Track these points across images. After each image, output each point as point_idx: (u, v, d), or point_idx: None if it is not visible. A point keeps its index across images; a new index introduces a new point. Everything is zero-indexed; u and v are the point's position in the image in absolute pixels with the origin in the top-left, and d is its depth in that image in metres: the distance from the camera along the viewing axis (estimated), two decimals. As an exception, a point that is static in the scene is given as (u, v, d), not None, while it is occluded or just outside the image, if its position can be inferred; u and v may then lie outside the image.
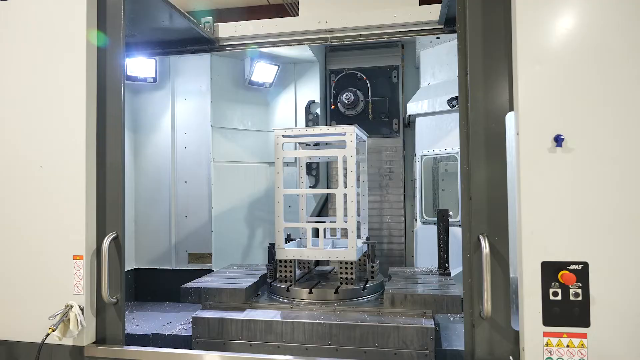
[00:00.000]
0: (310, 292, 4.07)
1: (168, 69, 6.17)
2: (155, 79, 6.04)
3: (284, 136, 4.61)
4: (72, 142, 3.11)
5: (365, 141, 4.65)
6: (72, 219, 3.09)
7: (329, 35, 4.69)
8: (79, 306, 3.06)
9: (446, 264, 4.61)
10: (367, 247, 4.48)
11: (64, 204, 3.11)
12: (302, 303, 4.01)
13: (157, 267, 6.10)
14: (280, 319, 3.72)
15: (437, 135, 5.76)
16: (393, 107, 6.69)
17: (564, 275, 2.48)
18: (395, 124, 6.64)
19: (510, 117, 2.70)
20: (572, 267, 2.49)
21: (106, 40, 3.20)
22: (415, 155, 6.20)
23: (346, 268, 4.11)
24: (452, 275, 4.56)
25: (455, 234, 5.48)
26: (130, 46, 4.76)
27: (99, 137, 3.22)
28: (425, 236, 6.00)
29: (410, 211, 6.82)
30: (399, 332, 3.51)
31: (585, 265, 2.47)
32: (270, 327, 3.70)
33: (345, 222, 4.15)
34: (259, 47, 4.83)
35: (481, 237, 2.69)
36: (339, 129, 4.23)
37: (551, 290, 2.51)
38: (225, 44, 4.83)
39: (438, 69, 5.80)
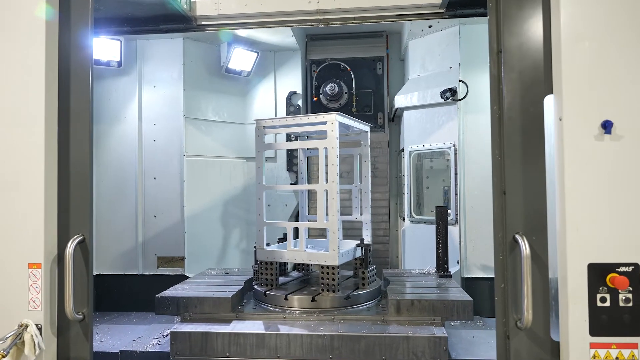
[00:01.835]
0: (285, 299, 3.69)
1: (134, 53, 5.55)
2: (119, 63, 5.41)
3: (265, 127, 4.19)
4: (28, 135, 2.55)
5: (367, 132, 4.27)
6: (28, 219, 2.53)
7: (320, 17, 4.27)
8: (37, 325, 2.51)
9: (446, 265, 4.31)
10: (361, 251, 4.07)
11: (17, 203, 2.54)
12: (297, 312, 3.59)
13: (122, 273, 5.47)
14: (273, 331, 3.28)
15: (428, 129, 5.47)
16: (378, 100, 6.37)
17: (613, 278, 2.20)
18: (380, 118, 6.32)
19: (549, 101, 2.40)
20: (622, 269, 2.21)
21: (55, 13, 2.64)
22: (403, 150, 5.89)
23: (327, 273, 3.70)
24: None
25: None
26: (94, 22, 4.15)
27: (62, 128, 2.69)
28: (413, 236, 5.71)
29: (394, 210, 6.53)
30: (408, 342, 3.16)
31: (636, 266, 2.21)
32: (263, 341, 3.25)
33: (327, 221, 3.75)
34: (242, 29, 4.37)
35: (518, 237, 2.38)
36: (325, 117, 3.80)
37: (599, 296, 2.23)
38: (203, 23, 4.31)
39: (429, 59, 5.52)
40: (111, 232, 5.49)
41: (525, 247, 2.33)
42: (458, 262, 5.05)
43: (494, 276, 5.08)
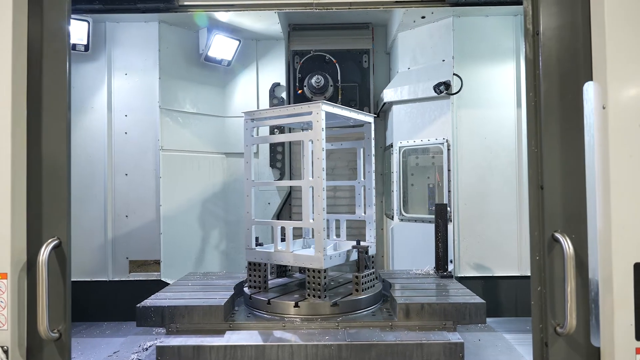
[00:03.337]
0: (268, 303, 3.40)
1: (103, 36, 5.05)
2: (87, 47, 4.90)
3: (254, 120, 3.87)
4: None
5: (371, 123, 4.00)
6: (-10, 220, 2.11)
7: (315, 1, 3.99)
8: (2, 347, 2.09)
9: (446, 265, 4.12)
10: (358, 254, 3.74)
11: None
12: (298, 320, 3.27)
13: (89, 279, 4.97)
14: (274, 342, 2.96)
15: (419, 124, 5.29)
16: (363, 94, 6.14)
17: (662, 279, 2.04)
18: (366, 113, 6.08)
19: (589, 88, 2.22)
20: (671, 268, 2.06)
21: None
22: (391, 146, 5.69)
23: (313, 277, 3.41)
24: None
25: (427, 230, 5.06)
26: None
27: (32, 120, 2.29)
28: (403, 234, 5.52)
29: (379, 207, 6.32)
30: (422, 349, 2.92)
31: (686, 266, 2.06)
32: (263, 354, 2.93)
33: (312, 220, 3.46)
34: (231, 11, 4.01)
35: (559, 236, 2.18)
36: (310, 106, 3.46)
37: (646, 298, 2.06)
38: (186, 3, 3.94)
39: (420, 52, 5.33)
40: (77, 234, 4.92)
41: (568, 246, 2.14)
42: (451, 261, 4.89)
43: (490, 275, 4.97)
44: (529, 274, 5.07)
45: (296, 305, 3.33)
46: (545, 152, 2.25)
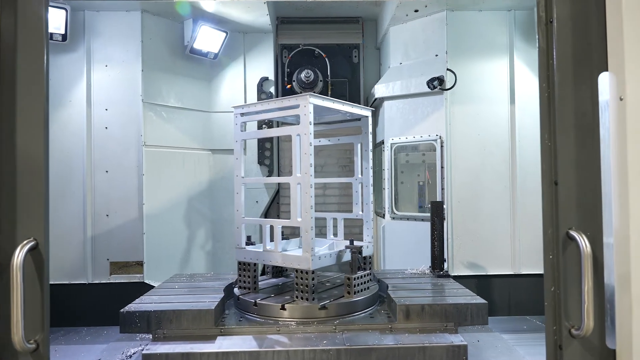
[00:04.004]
0: (255, 305, 3.25)
1: (82, 26, 4.79)
2: (64, 37, 4.63)
3: (243, 114, 3.70)
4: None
5: (368, 117, 3.86)
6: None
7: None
8: (-30, 362, 1.88)
9: (442, 265, 4.02)
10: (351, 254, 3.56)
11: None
12: (293, 323, 3.11)
13: (67, 282, 4.71)
14: (269, 348, 2.80)
15: (412, 120, 5.18)
16: (353, 90, 6.01)
17: (682, 277, 1.95)
18: (356, 109, 5.95)
19: (604, 79, 2.12)
20: (690, 267, 1.97)
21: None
22: (382, 143, 5.57)
23: (301, 279, 3.25)
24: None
25: (418, 229, 4.98)
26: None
27: (6, 113, 2.06)
28: (394, 233, 5.40)
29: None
30: (425, 353, 2.80)
31: None
32: (257, 360, 2.76)
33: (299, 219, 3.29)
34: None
35: (574, 233, 2.07)
36: (297, 99, 3.30)
37: (665, 298, 1.97)
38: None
39: (412, 47, 5.22)
40: (54, 234, 4.69)
41: (585, 244, 2.03)
42: (445, 260, 4.79)
43: (483, 274, 4.89)
44: (523, 273, 5.02)
45: (283, 308, 3.17)
46: (559, 145, 2.15)
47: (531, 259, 4.95)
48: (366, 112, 3.75)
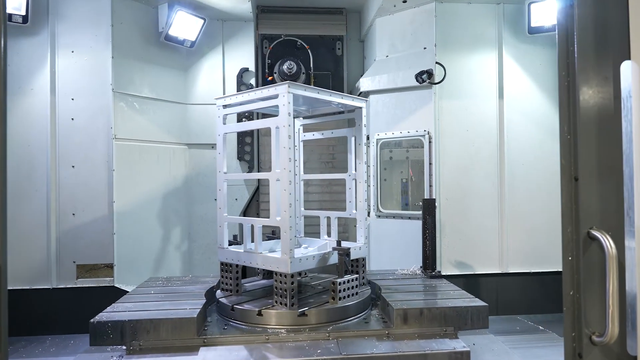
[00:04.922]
0: (232, 310, 3.03)
1: (46, 7, 4.38)
2: (25, 19, 4.23)
3: (224, 106, 3.44)
4: None
5: (362, 108, 3.64)
6: None
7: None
8: None
9: (434, 265, 3.87)
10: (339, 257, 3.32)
11: None
12: (283, 331, 2.87)
13: (29, 287, 4.31)
14: (258, 359, 2.56)
15: (399, 115, 5.01)
16: (337, 83, 5.80)
17: None
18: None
19: (626, 68, 1.98)
20: None
21: None
22: (368, 139, 5.38)
23: (281, 282, 3.02)
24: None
25: (405, 227, 4.84)
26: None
27: None
28: (380, 231, 5.23)
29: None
30: (426, 361, 2.62)
31: None
32: (246, 373, 2.51)
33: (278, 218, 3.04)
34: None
35: (597, 233, 1.92)
36: (277, 89, 3.02)
37: (691, 302, 1.84)
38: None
39: (399, 39, 5.05)
40: (14, 235, 4.29)
41: (609, 245, 1.88)
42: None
43: (471, 273, 4.78)
44: (510, 271, 4.92)
45: (259, 314, 2.93)
46: (580, 139, 1.99)
47: (519, 257, 4.88)
48: (359, 102, 3.54)
